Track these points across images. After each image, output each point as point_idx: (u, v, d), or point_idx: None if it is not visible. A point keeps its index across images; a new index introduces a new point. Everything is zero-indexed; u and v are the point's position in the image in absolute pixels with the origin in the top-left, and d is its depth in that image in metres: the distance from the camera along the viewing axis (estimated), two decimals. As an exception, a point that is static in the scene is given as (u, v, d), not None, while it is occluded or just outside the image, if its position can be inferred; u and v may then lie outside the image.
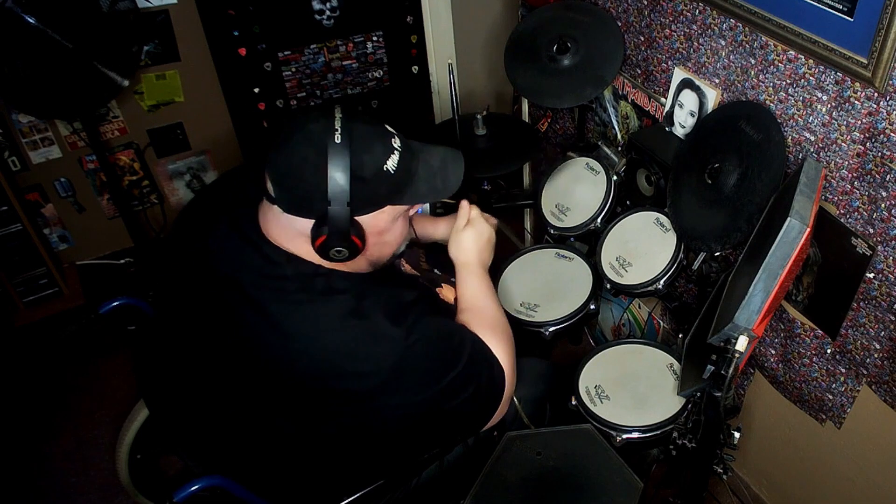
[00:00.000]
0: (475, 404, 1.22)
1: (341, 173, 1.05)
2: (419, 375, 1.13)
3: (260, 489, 1.27)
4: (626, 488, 1.29)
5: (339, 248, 1.10)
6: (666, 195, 1.62)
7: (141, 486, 1.80)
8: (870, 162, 1.23)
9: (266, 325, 1.09)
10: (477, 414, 1.26)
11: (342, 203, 1.06)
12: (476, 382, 1.21)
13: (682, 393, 1.46)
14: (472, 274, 1.40)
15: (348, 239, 1.10)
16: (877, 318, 1.33)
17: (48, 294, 2.56)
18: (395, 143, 1.13)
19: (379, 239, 1.18)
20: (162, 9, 2.38)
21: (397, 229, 1.21)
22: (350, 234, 1.10)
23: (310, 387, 1.10)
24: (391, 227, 1.19)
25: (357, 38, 2.57)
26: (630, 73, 1.85)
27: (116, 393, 2.39)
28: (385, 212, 1.15)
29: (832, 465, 1.61)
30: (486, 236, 1.43)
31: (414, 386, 1.13)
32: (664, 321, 2.01)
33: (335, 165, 1.05)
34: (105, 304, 1.50)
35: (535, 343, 1.72)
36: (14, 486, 2.16)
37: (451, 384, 1.16)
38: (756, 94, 1.44)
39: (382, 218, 1.16)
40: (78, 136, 2.45)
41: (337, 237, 1.09)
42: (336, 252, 1.11)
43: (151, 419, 1.68)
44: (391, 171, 1.11)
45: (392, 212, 1.17)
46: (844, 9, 1.17)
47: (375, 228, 1.16)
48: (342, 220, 1.08)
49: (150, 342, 1.33)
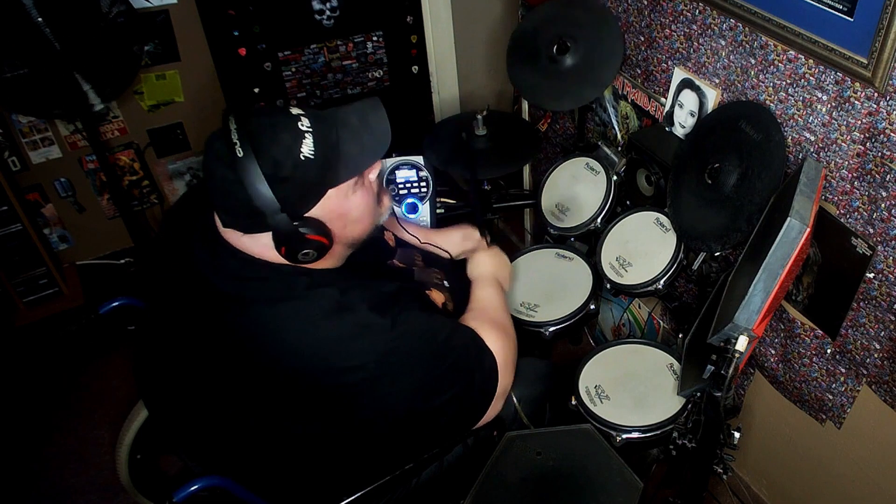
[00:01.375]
0: (466, 400, 1.21)
1: (259, 183, 1.00)
2: (406, 368, 1.11)
3: (259, 489, 1.27)
4: (626, 488, 1.29)
5: (305, 251, 1.08)
6: (666, 195, 1.62)
7: (141, 486, 1.80)
8: (870, 162, 1.23)
9: (252, 324, 1.08)
10: (469, 409, 1.25)
11: (276, 211, 1.02)
12: (467, 377, 1.19)
13: (682, 393, 1.46)
14: (489, 285, 1.46)
15: (305, 241, 1.07)
16: (877, 318, 1.33)
17: (48, 294, 2.56)
18: (303, 124, 1.05)
19: (344, 222, 1.13)
20: (162, 9, 2.38)
21: (358, 203, 1.14)
22: (305, 236, 1.06)
23: (298, 383, 1.10)
24: (349, 205, 1.13)
25: (357, 38, 2.57)
26: (630, 73, 1.85)
27: (116, 393, 2.39)
28: (330, 196, 1.09)
29: (832, 465, 1.61)
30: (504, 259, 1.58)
31: (402, 378, 1.11)
32: (664, 321, 2.01)
33: (250, 179, 0.99)
34: (105, 304, 1.50)
35: (535, 343, 1.72)
36: (14, 486, 2.16)
37: (441, 377, 1.15)
38: (756, 94, 1.44)
39: (333, 202, 1.10)
40: (80, 135, 2.45)
41: (294, 243, 1.06)
42: (304, 255, 1.08)
43: (151, 419, 1.68)
44: (311, 157, 1.04)
45: (340, 192, 1.10)
46: (844, 9, 1.17)
47: (333, 214, 1.11)
48: (287, 227, 1.04)
49: (146, 342, 1.32)
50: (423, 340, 1.15)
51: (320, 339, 1.09)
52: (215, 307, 1.11)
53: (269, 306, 1.09)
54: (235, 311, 1.09)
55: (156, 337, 1.27)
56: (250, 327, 1.08)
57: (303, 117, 1.06)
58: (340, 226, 1.13)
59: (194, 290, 1.15)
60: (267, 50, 2.42)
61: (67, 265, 2.68)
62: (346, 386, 1.10)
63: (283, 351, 1.08)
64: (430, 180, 1.87)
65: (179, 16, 2.42)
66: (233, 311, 1.10)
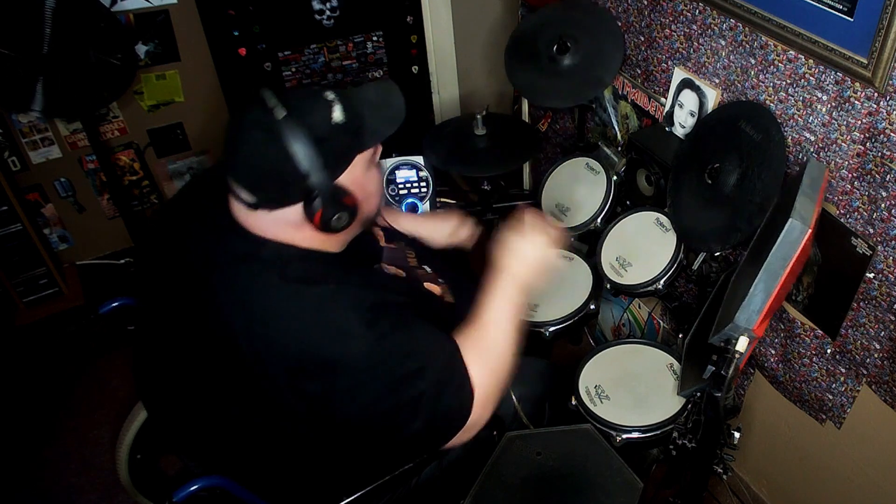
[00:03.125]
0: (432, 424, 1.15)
1: (302, 143, 1.03)
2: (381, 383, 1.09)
3: (259, 489, 1.27)
4: (626, 488, 1.29)
5: (338, 214, 1.09)
6: (666, 195, 1.62)
7: (141, 486, 1.79)
8: (870, 162, 1.23)
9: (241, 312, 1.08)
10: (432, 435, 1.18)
11: (319, 169, 1.05)
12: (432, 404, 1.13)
13: (682, 393, 1.46)
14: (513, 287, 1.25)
15: (342, 202, 1.09)
16: (877, 318, 1.33)
17: (48, 294, 2.56)
18: (330, 96, 1.10)
19: (364, 194, 1.15)
20: (162, 9, 2.38)
21: (374, 177, 1.19)
22: (342, 197, 1.09)
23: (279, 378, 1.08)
24: (368, 176, 1.16)
25: (357, 38, 2.57)
26: (630, 73, 1.85)
27: (116, 393, 2.39)
28: (356, 164, 1.12)
29: (832, 465, 1.61)
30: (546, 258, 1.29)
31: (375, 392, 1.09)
32: (664, 321, 2.01)
33: (293, 138, 1.03)
34: (105, 304, 1.50)
35: (535, 343, 1.72)
36: (14, 486, 2.16)
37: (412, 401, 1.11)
38: (756, 94, 1.44)
39: (358, 171, 1.13)
40: (84, 133, 2.45)
41: (331, 204, 1.07)
42: (337, 220, 1.09)
43: (150, 419, 1.68)
44: (342, 122, 1.08)
45: (362, 161, 1.14)
46: (844, 9, 1.17)
47: (356, 184, 1.13)
48: (327, 185, 1.06)
49: (143, 342, 1.32)
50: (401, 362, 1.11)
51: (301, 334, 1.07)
52: (207, 299, 1.11)
53: (260, 295, 1.08)
54: (225, 299, 1.09)
55: (152, 335, 1.27)
56: (238, 315, 1.08)
57: (328, 91, 1.11)
58: (362, 198, 1.15)
59: (186, 286, 1.15)
60: (267, 50, 2.42)
61: (67, 265, 2.69)
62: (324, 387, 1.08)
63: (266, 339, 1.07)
64: (430, 180, 1.88)
65: (179, 16, 2.42)
66: (222, 300, 1.09)
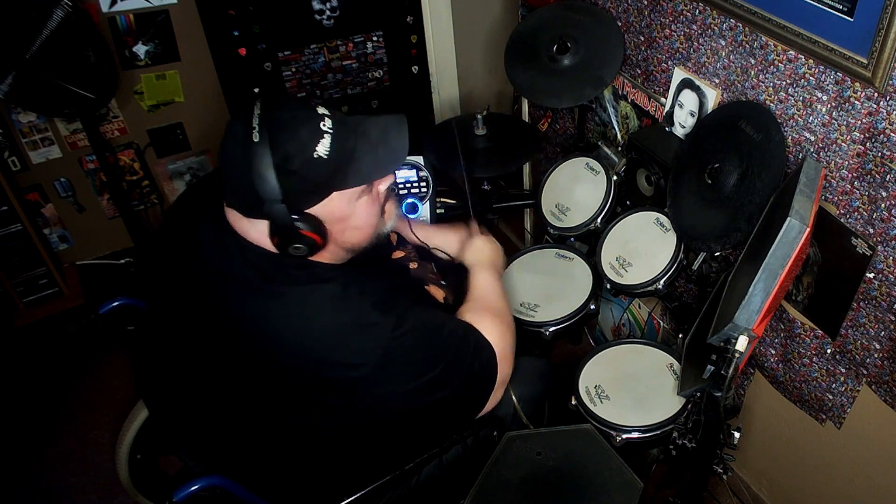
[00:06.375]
0: (465, 393, 1.23)
1: (266, 171, 1.01)
2: (408, 366, 1.13)
3: (259, 489, 1.27)
4: (626, 488, 1.29)
5: (296, 245, 1.08)
6: (666, 195, 1.62)
7: (141, 486, 1.80)
8: (870, 162, 1.23)
9: (252, 317, 1.08)
10: (468, 401, 1.26)
11: (277, 201, 1.03)
12: (465, 371, 1.21)
13: (682, 393, 1.46)
14: (486, 272, 1.46)
15: (299, 235, 1.07)
16: (877, 318, 1.33)
17: (48, 294, 2.56)
18: (326, 125, 1.06)
19: (344, 226, 1.13)
20: (162, 9, 2.38)
21: (362, 211, 1.15)
22: (300, 230, 1.07)
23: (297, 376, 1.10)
24: (352, 211, 1.13)
25: (357, 38, 2.57)
26: (630, 73, 1.85)
27: (116, 393, 2.39)
28: (333, 199, 1.10)
29: (832, 465, 1.61)
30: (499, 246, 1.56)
31: (403, 376, 1.13)
32: (664, 321, 2.01)
33: (259, 164, 1.01)
34: (105, 304, 1.50)
35: (535, 343, 1.72)
36: (14, 486, 2.16)
37: (441, 374, 1.16)
38: (756, 94, 1.44)
39: (336, 205, 1.10)
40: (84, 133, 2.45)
41: (287, 235, 1.07)
42: (294, 249, 1.08)
43: (151, 419, 1.68)
44: (324, 157, 1.04)
45: (344, 196, 1.11)
46: (844, 9, 1.17)
47: (333, 216, 1.11)
48: (284, 218, 1.05)
49: (146, 341, 1.32)
50: (424, 339, 1.16)
51: (319, 332, 1.09)
52: (216, 301, 1.12)
53: (270, 300, 1.09)
54: (235, 304, 1.10)
55: (155, 334, 1.27)
56: (249, 320, 1.09)
57: (327, 118, 1.07)
58: (340, 229, 1.13)
59: (196, 286, 1.15)
60: (267, 50, 2.42)
61: (67, 265, 2.68)
62: (345, 381, 1.10)
63: (281, 341, 1.08)
64: (430, 180, 1.87)
65: (179, 16, 2.42)
66: (233, 305, 1.10)
